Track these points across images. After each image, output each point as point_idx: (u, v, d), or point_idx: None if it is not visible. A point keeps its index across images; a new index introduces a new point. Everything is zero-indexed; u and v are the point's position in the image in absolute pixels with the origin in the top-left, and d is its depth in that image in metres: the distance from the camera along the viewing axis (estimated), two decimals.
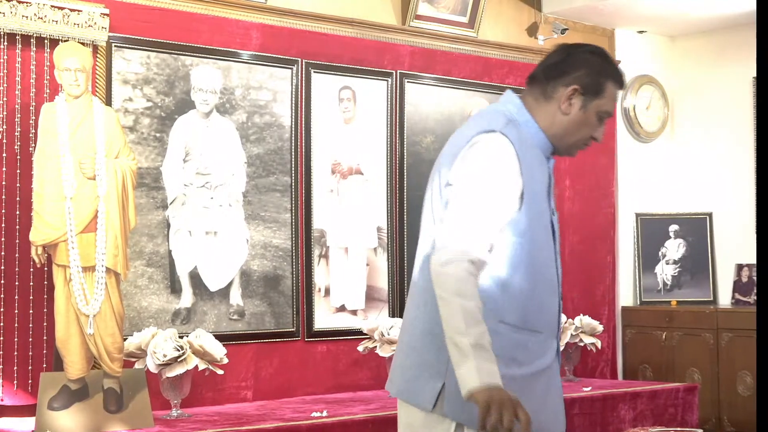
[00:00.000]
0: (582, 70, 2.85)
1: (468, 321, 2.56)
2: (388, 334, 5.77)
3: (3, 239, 4.95)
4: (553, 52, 2.92)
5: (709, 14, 7.40)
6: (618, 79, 2.88)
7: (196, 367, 5.03)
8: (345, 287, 6.27)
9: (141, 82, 5.52)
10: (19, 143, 5.00)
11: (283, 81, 6.03)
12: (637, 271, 7.83)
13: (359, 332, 6.04)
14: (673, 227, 7.89)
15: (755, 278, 7.46)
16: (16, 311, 4.94)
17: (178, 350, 4.96)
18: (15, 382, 4.93)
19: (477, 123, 2.84)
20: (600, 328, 6.69)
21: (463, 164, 2.74)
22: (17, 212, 4.96)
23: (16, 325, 4.94)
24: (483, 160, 2.73)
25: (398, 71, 6.54)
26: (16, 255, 4.95)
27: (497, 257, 2.73)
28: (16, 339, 4.94)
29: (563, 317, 6.61)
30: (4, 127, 4.98)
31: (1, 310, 4.92)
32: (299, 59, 6.09)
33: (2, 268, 4.94)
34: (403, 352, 2.84)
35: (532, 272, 2.79)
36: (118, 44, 5.42)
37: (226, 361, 5.16)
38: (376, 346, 5.85)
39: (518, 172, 2.74)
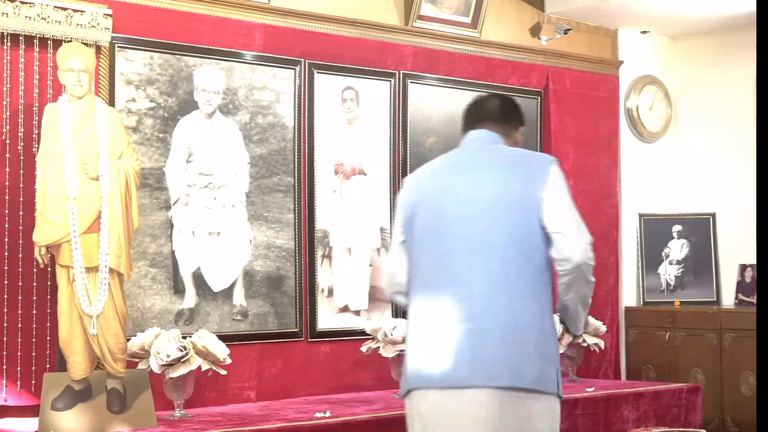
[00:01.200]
0: (519, 114, 3.57)
1: None
2: (391, 335, 5.77)
3: (6, 240, 4.95)
4: (490, 99, 3.58)
5: (712, 14, 7.40)
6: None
7: (200, 367, 5.03)
8: (348, 288, 6.27)
9: (144, 82, 5.53)
10: (22, 144, 5.00)
11: (286, 81, 6.03)
12: (640, 271, 7.82)
13: (362, 333, 6.04)
14: (677, 227, 7.89)
15: None
16: (20, 312, 4.95)
17: (182, 351, 4.97)
18: (18, 382, 4.94)
19: (532, 157, 3.40)
20: (603, 328, 6.69)
21: (555, 186, 3.26)
22: (20, 213, 4.96)
23: (19, 325, 4.94)
24: (564, 181, 3.33)
25: (401, 72, 6.54)
26: (20, 255, 4.96)
27: None
28: (19, 339, 4.94)
29: None
30: (8, 127, 4.99)
31: (5, 310, 4.92)
32: (302, 60, 6.09)
33: (6, 268, 4.94)
34: (520, 348, 3.10)
35: None
36: (121, 45, 5.42)
37: (229, 361, 5.16)
38: (379, 347, 5.85)
39: None
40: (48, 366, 4.97)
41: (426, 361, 3.12)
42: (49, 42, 5.05)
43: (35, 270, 4.95)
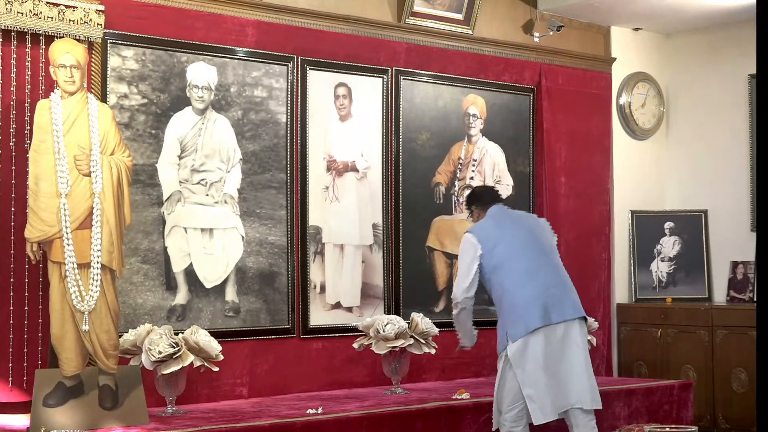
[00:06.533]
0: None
1: None
2: (384, 331, 5.77)
3: None
4: (489, 189, 5.77)
5: (704, 11, 7.41)
6: None
7: (192, 363, 5.03)
8: (340, 284, 6.27)
9: (136, 78, 5.52)
10: (14, 140, 4.99)
11: (279, 78, 6.03)
12: (632, 268, 7.83)
13: (354, 329, 6.04)
14: (669, 224, 7.90)
15: (750, 275, 7.47)
16: (12, 308, 4.94)
17: (174, 347, 4.97)
18: (10, 379, 4.93)
19: (537, 217, 5.73)
20: (595, 325, 6.70)
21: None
22: (12, 209, 4.96)
23: (11, 322, 4.93)
24: None
25: (394, 68, 6.54)
26: (12, 252, 4.95)
27: None
28: (11, 336, 4.93)
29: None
30: (0, 123, 4.98)
31: None
32: (295, 56, 6.09)
33: None
34: (570, 293, 5.22)
35: None
36: (114, 41, 5.42)
37: (221, 358, 5.16)
38: (371, 343, 5.85)
39: None
40: (40, 362, 4.97)
41: (542, 312, 5.05)
42: (41, 38, 5.05)
43: (27, 266, 4.94)
